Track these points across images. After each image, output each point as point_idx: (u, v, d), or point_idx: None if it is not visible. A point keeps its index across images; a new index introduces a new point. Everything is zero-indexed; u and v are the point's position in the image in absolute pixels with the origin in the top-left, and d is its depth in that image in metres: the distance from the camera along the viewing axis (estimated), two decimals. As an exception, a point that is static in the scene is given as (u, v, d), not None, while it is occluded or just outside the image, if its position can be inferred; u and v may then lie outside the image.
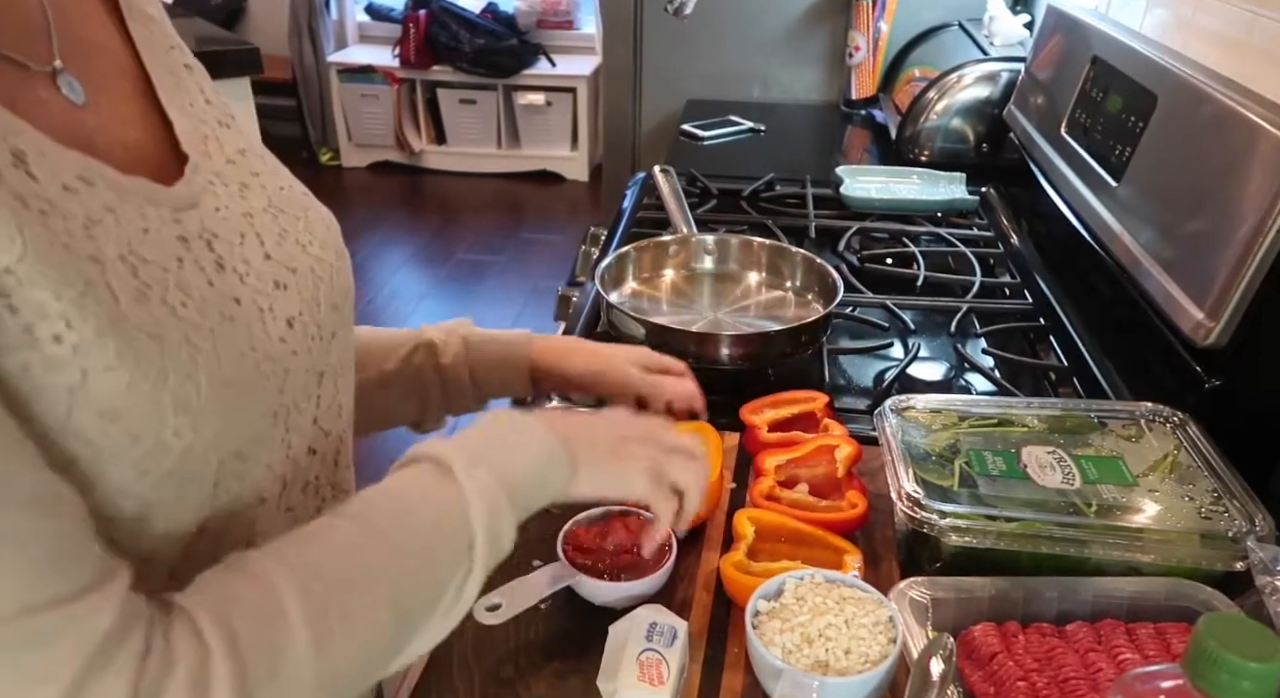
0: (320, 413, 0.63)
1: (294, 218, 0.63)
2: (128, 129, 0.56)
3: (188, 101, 0.60)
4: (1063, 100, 1.38)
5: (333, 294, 0.65)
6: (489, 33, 4.46)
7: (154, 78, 0.59)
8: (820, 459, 0.90)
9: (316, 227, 0.65)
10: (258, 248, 0.58)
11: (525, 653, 0.74)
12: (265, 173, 0.64)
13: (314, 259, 0.63)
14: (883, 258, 1.45)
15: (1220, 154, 0.95)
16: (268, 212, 0.61)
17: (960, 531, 0.74)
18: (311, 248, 0.63)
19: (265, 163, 0.65)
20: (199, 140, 0.59)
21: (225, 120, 0.64)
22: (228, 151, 0.61)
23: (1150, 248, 1.03)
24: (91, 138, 0.52)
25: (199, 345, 0.50)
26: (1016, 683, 0.64)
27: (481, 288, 3.72)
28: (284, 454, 0.59)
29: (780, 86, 2.31)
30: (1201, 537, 0.74)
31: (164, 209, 0.53)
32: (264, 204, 0.61)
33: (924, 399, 0.91)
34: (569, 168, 4.73)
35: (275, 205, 0.62)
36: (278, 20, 4.59)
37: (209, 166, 0.59)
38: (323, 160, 4.80)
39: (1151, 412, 0.90)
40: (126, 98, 0.57)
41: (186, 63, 0.64)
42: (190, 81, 0.62)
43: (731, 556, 0.78)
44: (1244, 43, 1.07)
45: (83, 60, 0.54)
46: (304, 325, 0.60)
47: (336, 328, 0.65)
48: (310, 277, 0.62)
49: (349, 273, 0.69)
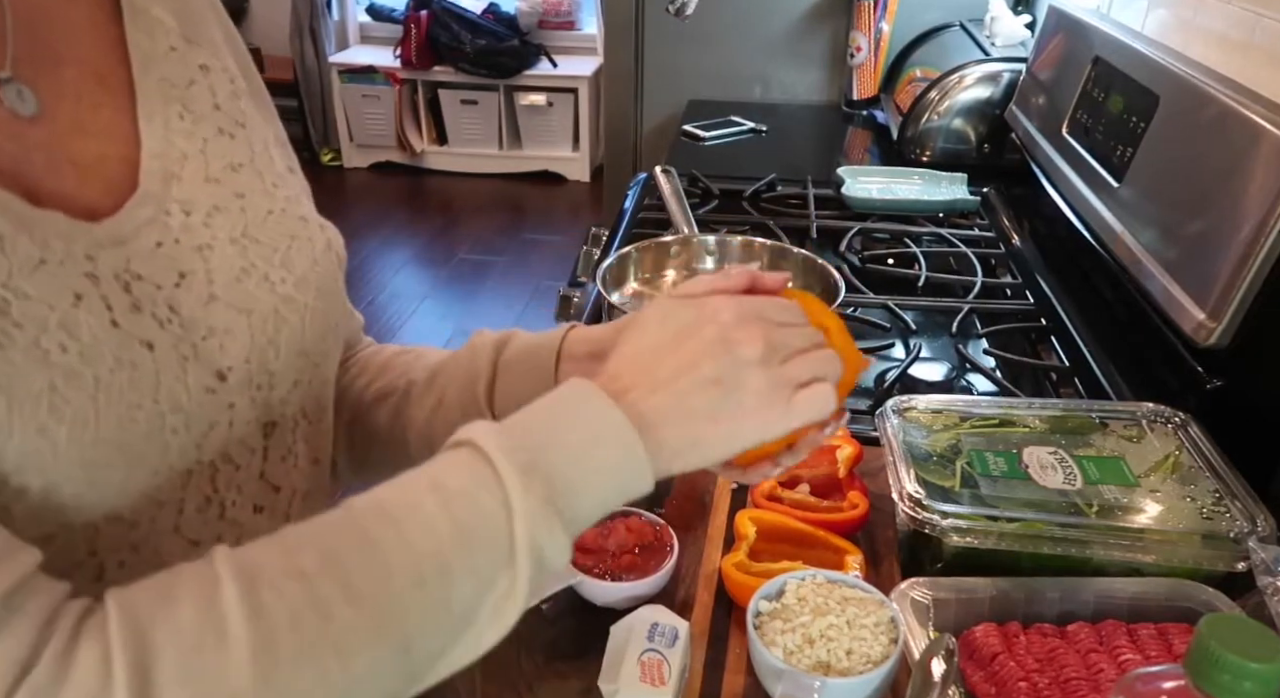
0: (268, 467, 0.58)
1: (269, 250, 0.57)
2: (88, 142, 0.52)
3: (179, 111, 0.56)
4: (1064, 101, 1.38)
5: (302, 338, 0.58)
6: (490, 33, 4.47)
7: (138, 88, 0.55)
8: (822, 460, 0.90)
9: (298, 260, 0.59)
10: (202, 288, 0.53)
11: (526, 654, 0.74)
12: (257, 193, 0.59)
13: (281, 299, 0.57)
14: (884, 258, 1.45)
15: (1222, 155, 0.95)
16: (236, 243, 0.56)
17: (962, 531, 0.74)
18: (282, 287, 0.57)
19: (262, 180, 0.60)
20: (175, 159, 0.55)
21: (231, 129, 0.59)
22: (213, 169, 0.57)
23: (1152, 248, 1.03)
24: (30, 154, 0.49)
25: (69, 397, 0.45)
26: (1018, 684, 0.64)
27: (483, 288, 3.72)
28: (215, 514, 0.54)
29: (782, 87, 2.31)
30: (1203, 537, 0.74)
31: (76, 245, 0.48)
32: (235, 233, 0.56)
33: (925, 400, 0.91)
34: (570, 168, 4.73)
35: (249, 235, 0.57)
36: (279, 21, 4.59)
37: (171, 193, 0.54)
38: (324, 161, 4.80)
39: (1153, 412, 0.90)
40: (97, 108, 0.53)
41: (203, 63, 0.59)
42: (202, 84, 0.58)
43: (733, 556, 0.78)
44: (1246, 43, 1.06)
45: (47, 68, 0.51)
46: (248, 374, 0.55)
47: (301, 374, 0.59)
48: (271, 319, 0.56)
49: (334, 312, 0.63)
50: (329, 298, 0.62)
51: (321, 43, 4.57)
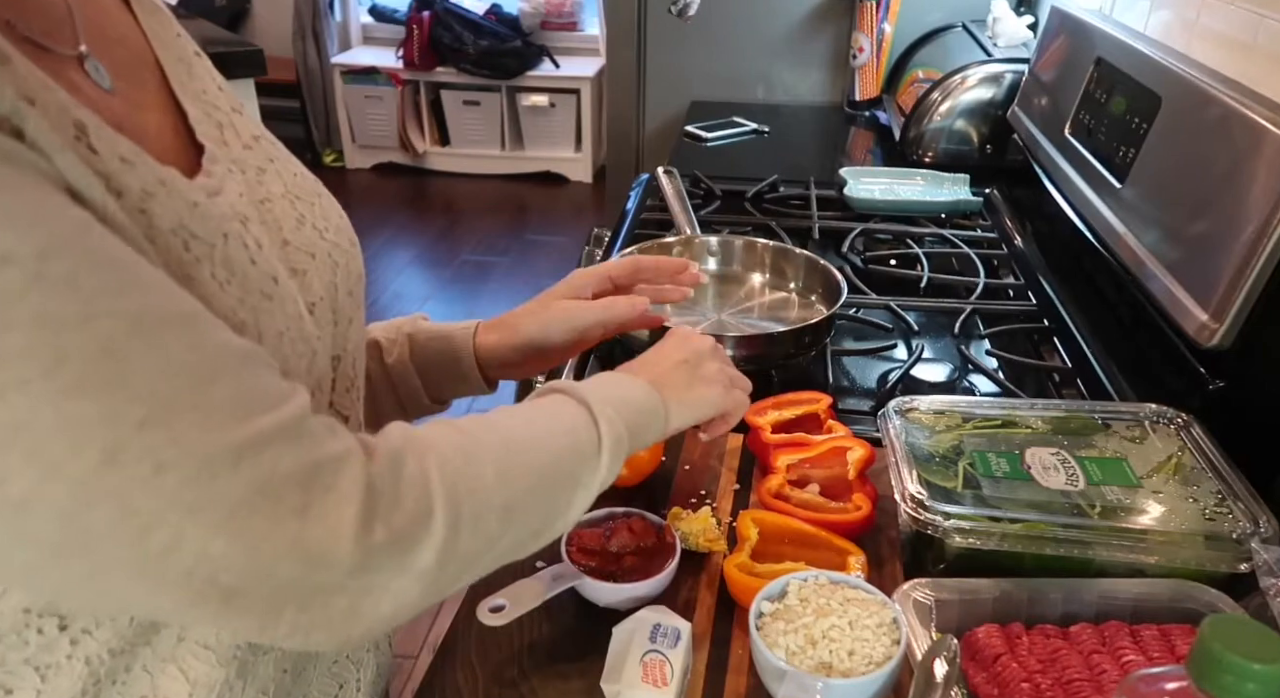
0: (336, 397, 0.63)
1: (309, 203, 0.63)
2: (149, 114, 0.56)
3: (200, 89, 0.60)
4: (1067, 102, 1.38)
5: (348, 280, 0.65)
6: (493, 34, 4.47)
7: (166, 67, 0.59)
8: (833, 461, 0.90)
9: (330, 213, 0.66)
10: (277, 233, 0.59)
11: (529, 654, 0.74)
12: (280, 158, 0.64)
13: (330, 245, 0.63)
14: (886, 259, 1.45)
15: (1224, 156, 0.95)
16: (285, 197, 0.61)
17: (964, 532, 0.74)
18: (328, 234, 0.64)
19: (278, 149, 0.65)
20: (214, 128, 0.59)
21: (237, 107, 0.64)
22: (244, 137, 0.61)
23: (1154, 249, 1.03)
24: (122, 123, 0.52)
25: (244, 322, 0.51)
26: (1020, 685, 0.64)
27: (486, 289, 3.73)
28: None
29: (784, 88, 2.31)
30: (1206, 538, 0.74)
31: (197, 193, 0.53)
32: (282, 190, 0.61)
33: (928, 401, 0.91)
34: (573, 169, 4.73)
35: (291, 191, 0.62)
36: (282, 22, 4.60)
37: (226, 154, 0.58)
38: (326, 162, 4.81)
39: (1156, 413, 0.90)
40: (145, 86, 0.57)
41: (196, 50, 0.64)
42: (201, 68, 0.62)
43: (735, 557, 0.78)
44: (1249, 44, 1.06)
45: (105, 48, 0.54)
46: (323, 311, 0.60)
47: (352, 313, 0.66)
48: (328, 262, 0.62)
49: (360, 259, 0.69)
50: (355, 247, 0.68)
51: (324, 44, 4.58)
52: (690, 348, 0.77)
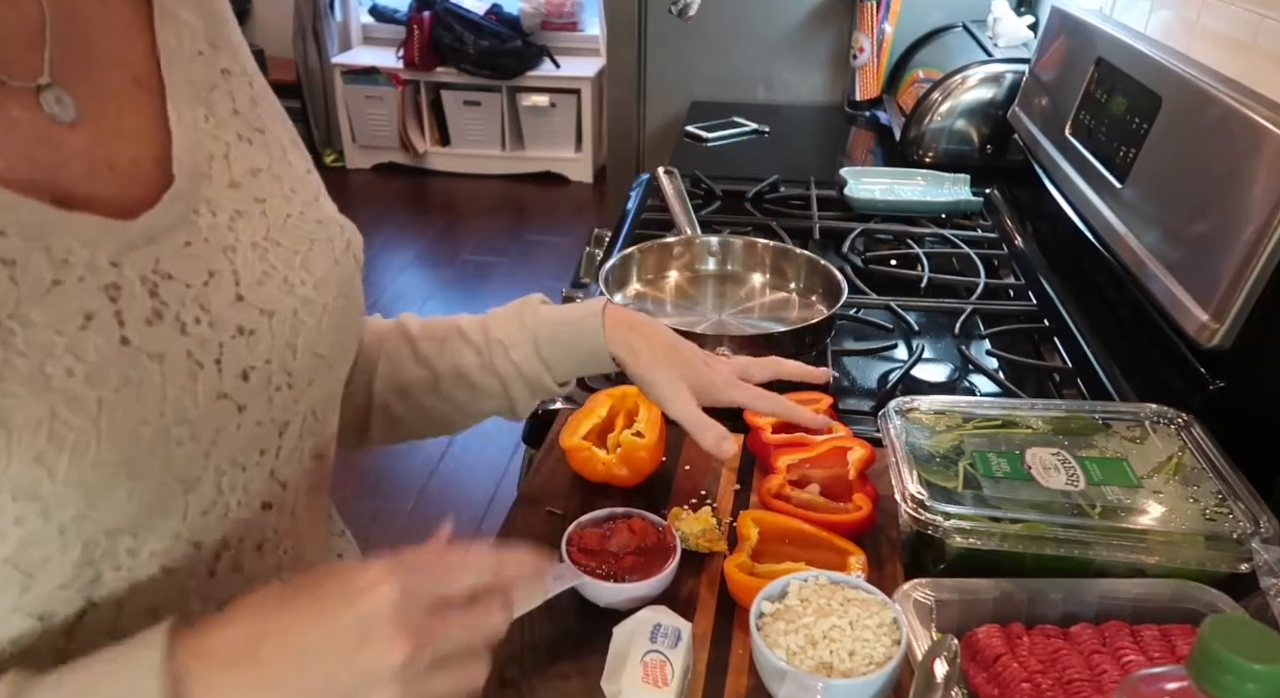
0: (279, 465, 0.59)
1: (290, 253, 0.59)
2: (127, 144, 0.53)
3: (204, 113, 0.57)
4: (1067, 102, 1.38)
5: (318, 341, 0.60)
6: (493, 34, 4.47)
7: (168, 89, 0.56)
8: (833, 461, 0.90)
9: (318, 263, 0.60)
10: (229, 288, 0.54)
11: (529, 654, 0.74)
12: (276, 197, 0.60)
13: (300, 301, 0.58)
14: (887, 259, 1.45)
15: (1225, 156, 0.94)
16: (257, 247, 0.57)
17: (964, 532, 0.74)
18: (301, 289, 0.58)
19: (281, 185, 0.61)
20: (202, 159, 0.56)
21: (250, 135, 0.60)
22: (235, 173, 0.57)
23: (1155, 249, 1.03)
24: (69, 161, 0.49)
25: (70, 422, 0.45)
26: (1021, 685, 0.64)
27: (486, 289, 3.73)
28: (219, 515, 0.55)
29: (784, 88, 2.31)
30: (1206, 538, 0.74)
31: (101, 253, 0.48)
32: (257, 237, 0.57)
33: (928, 401, 0.91)
34: (573, 169, 4.73)
35: (270, 238, 0.58)
36: (282, 22, 4.60)
37: (201, 192, 0.55)
38: (327, 162, 4.81)
39: (1156, 413, 0.90)
40: (136, 111, 0.54)
41: (225, 67, 0.60)
42: (224, 89, 0.59)
43: (736, 557, 0.78)
44: (1249, 44, 1.06)
45: (88, 72, 0.52)
46: (268, 375, 0.56)
47: (315, 375, 0.60)
48: (289, 321, 0.57)
49: (353, 311, 0.64)
50: (348, 298, 0.63)
51: (324, 44, 4.58)
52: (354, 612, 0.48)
